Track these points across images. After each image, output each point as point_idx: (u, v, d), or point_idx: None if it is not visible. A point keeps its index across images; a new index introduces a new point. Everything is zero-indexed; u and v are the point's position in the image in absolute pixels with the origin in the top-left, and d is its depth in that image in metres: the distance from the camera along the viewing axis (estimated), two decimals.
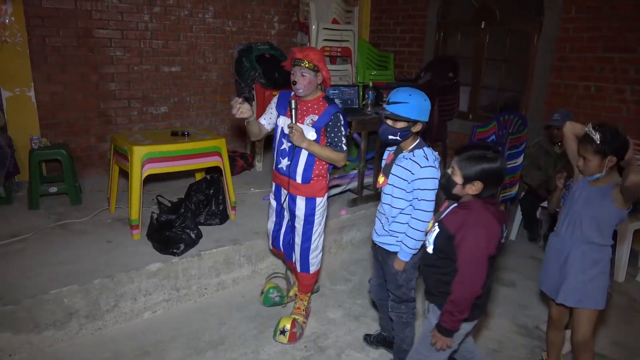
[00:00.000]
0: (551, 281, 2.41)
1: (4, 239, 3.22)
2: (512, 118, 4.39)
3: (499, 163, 1.80)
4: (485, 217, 1.79)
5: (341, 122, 2.55)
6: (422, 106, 2.16)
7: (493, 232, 1.79)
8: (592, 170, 2.19)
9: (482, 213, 1.80)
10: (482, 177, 1.79)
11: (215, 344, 2.76)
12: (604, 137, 2.10)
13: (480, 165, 1.79)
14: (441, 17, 5.57)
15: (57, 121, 4.41)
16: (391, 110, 2.16)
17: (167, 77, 4.99)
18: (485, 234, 1.77)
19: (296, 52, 2.49)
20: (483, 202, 1.83)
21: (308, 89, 2.51)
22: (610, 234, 2.25)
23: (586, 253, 2.25)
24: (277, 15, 5.66)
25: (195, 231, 3.25)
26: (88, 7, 4.37)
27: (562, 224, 2.35)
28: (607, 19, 4.12)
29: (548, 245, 2.49)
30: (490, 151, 1.81)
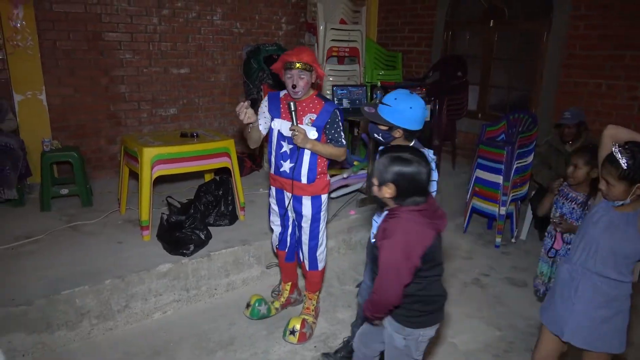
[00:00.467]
0: (556, 314, 2.10)
1: (17, 240, 3.26)
2: (521, 117, 4.36)
3: (414, 167, 1.69)
4: (407, 226, 1.69)
5: (339, 118, 2.59)
6: (404, 113, 2.06)
7: (414, 242, 1.68)
8: (615, 196, 1.91)
9: (403, 222, 1.70)
10: (395, 180, 1.70)
11: (225, 344, 2.77)
12: (633, 162, 1.81)
13: (392, 167, 1.70)
14: (449, 16, 5.55)
15: (67, 124, 4.46)
16: (375, 110, 2.13)
17: (176, 79, 5.02)
18: (402, 243, 1.68)
19: (290, 55, 2.47)
20: (409, 211, 1.72)
21: (305, 90, 2.53)
22: (628, 271, 1.95)
23: (599, 287, 1.96)
24: (284, 16, 5.67)
25: (204, 232, 3.27)
26: (98, 11, 4.41)
27: (576, 249, 2.04)
28: (617, 16, 4.08)
29: (557, 273, 2.20)
30: (408, 153, 1.72)
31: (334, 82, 5.08)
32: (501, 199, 4.04)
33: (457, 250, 4.15)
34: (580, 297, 1.98)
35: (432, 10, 5.66)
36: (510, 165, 3.97)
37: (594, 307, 1.96)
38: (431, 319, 1.90)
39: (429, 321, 1.89)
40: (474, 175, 4.27)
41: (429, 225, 1.72)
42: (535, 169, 4.13)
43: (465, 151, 5.34)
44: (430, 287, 1.84)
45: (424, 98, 4.51)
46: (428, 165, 1.73)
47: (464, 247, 4.18)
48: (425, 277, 1.80)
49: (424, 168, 1.70)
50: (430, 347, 2.80)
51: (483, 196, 4.22)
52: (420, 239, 1.70)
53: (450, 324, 3.04)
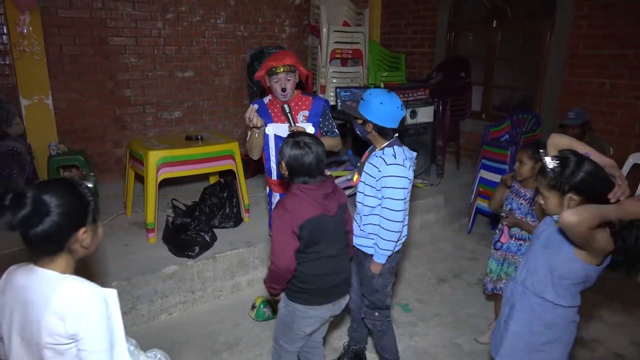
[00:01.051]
0: (496, 335, 1.92)
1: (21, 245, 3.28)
2: (525, 117, 4.37)
3: (301, 151, 1.87)
4: (292, 200, 1.88)
5: (329, 110, 2.71)
6: (374, 107, 2.16)
7: (295, 212, 1.85)
8: (552, 210, 1.68)
9: (291, 197, 1.90)
10: (286, 160, 1.91)
11: (231, 345, 2.79)
12: (560, 170, 1.60)
13: (286, 149, 1.91)
14: (452, 17, 5.56)
15: (74, 128, 4.50)
16: (356, 105, 2.26)
17: (181, 83, 5.06)
18: (285, 214, 1.86)
19: (273, 60, 2.52)
20: (296, 188, 1.90)
21: (293, 90, 2.60)
22: (569, 294, 1.70)
23: (536, 310, 1.74)
24: (288, 19, 5.70)
25: (209, 234, 3.29)
26: (103, 16, 4.46)
27: (521, 266, 1.86)
28: (620, 15, 4.07)
29: (503, 291, 2.08)
30: (306, 139, 1.90)
31: (337, 84, 5.10)
32: None
33: (462, 250, 4.15)
34: (517, 318, 1.79)
35: (434, 12, 5.67)
36: (514, 165, 3.97)
37: (530, 332, 1.76)
38: (311, 298, 1.98)
39: (309, 300, 1.98)
40: (478, 175, 4.28)
41: (313, 204, 1.88)
42: None
43: (470, 152, 5.34)
44: (306, 264, 1.93)
45: (427, 99, 4.55)
46: (318, 151, 1.90)
47: (468, 248, 4.18)
48: (301, 254, 1.91)
49: (312, 154, 1.87)
50: (433, 347, 2.82)
51: (487, 197, 4.21)
52: (297, 213, 1.85)
53: (455, 325, 3.05)
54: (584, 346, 2.84)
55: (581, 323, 1.80)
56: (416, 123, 4.49)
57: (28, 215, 1.15)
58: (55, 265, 1.26)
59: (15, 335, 1.25)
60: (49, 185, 1.22)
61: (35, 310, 1.21)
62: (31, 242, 1.21)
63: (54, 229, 1.20)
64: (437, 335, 2.95)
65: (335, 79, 5.22)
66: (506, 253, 2.66)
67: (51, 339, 1.19)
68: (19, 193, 1.15)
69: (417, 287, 3.52)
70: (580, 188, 1.58)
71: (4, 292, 1.29)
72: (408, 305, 3.27)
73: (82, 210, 1.27)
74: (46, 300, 1.20)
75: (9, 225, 1.15)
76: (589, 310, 3.20)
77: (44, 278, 1.24)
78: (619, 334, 2.96)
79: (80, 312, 1.20)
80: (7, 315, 1.26)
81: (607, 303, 3.30)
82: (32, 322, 1.21)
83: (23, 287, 1.25)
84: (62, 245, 1.25)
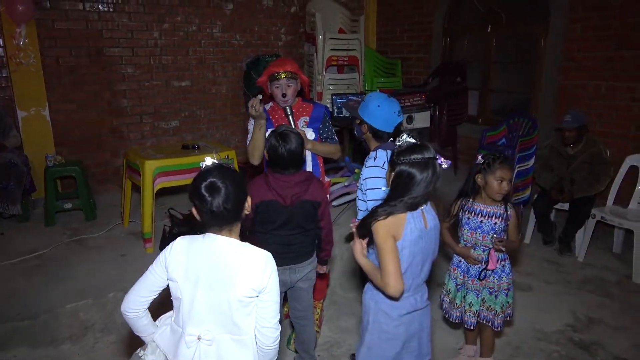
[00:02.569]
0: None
1: (22, 255, 3.29)
2: (522, 120, 4.37)
3: (274, 142, 2.13)
4: (257, 181, 2.21)
5: (329, 117, 2.76)
6: (371, 109, 2.29)
7: (252, 191, 1.99)
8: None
9: (258, 178, 2.23)
10: (267, 149, 2.19)
11: None
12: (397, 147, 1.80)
13: (269, 139, 2.17)
14: (447, 22, 5.58)
15: (71, 139, 4.51)
16: (357, 106, 2.40)
17: (178, 92, 5.07)
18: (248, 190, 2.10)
19: (275, 66, 2.60)
20: (265, 173, 2.22)
21: (294, 97, 2.66)
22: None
23: None
24: (283, 27, 5.72)
25: None
26: (99, 27, 4.48)
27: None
28: (615, 17, 4.08)
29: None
30: (286, 133, 2.15)
31: (334, 91, 5.11)
32: None
33: None
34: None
35: (430, 17, 5.70)
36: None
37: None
38: None
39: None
40: None
41: (269, 190, 2.15)
42: (537, 172, 4.12)
43: (467, 156, 5.34)
44: (262, 238, 2.20)
45: (424, 104, 4.56)
46: (291, 148, 2.13)
47: None
48: (258, 232, 2.22)
49: (283, 148, 2.12)
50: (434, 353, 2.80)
51: None
52: (253, 195, 1.98)
53: (455, 330, 3.03)
54: (584, 349, 2.82)
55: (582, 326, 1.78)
56: (413, 128, 4.49)
57: (224, 197, 1.46)
58: (233, 234, 1.54)
59: (202, 293, 1.48)
60: (220, 171, 1.50)
61: (229, 270, 1.48)
62: (221, 216, 1.48)
63: (237, 203, 1.50)
64: (437, 341, 2.91)
65: (332, 86, 5.24)
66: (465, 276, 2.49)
67: (246, 292, 1.47)
68: (213, 182, 1.46)
69: None
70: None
71: (187, 260, 1.51)
72: None
73: (244, 186, 1.58)
74: (239, 262, 1.49)
75: (212, 209, 1.45)
76: (589, 312, 3.18)
77: (230, 245, 1.51)
78: (621, 337, 2.93)
79: (268, 270, 1.51)
80: (194, 279, 1.49)
81: (607, 305, 3.29)
82: (226, 280, 1.47)
83: (211, 253, 1.50)
84: (239, 214, 1.54)
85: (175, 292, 1.52)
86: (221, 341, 1.51)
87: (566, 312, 3.20)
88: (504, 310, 2.45)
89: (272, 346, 1.56)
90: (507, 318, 2.50)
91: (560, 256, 4.02)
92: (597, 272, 3.75)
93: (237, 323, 1.50)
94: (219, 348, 1.50)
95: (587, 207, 3.88)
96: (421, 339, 1.86)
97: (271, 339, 1.54)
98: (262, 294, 1.50)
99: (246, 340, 1.53)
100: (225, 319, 1.50)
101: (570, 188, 3.90)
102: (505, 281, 2.43)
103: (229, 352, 1.51)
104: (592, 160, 3.84)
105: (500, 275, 2.43)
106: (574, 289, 3.52)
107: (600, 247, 4.11)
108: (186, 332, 1.50)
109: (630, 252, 3.71)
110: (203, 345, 1.50)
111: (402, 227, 1.70)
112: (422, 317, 1.85)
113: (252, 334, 1.54)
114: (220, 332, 1.51)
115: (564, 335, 2.95)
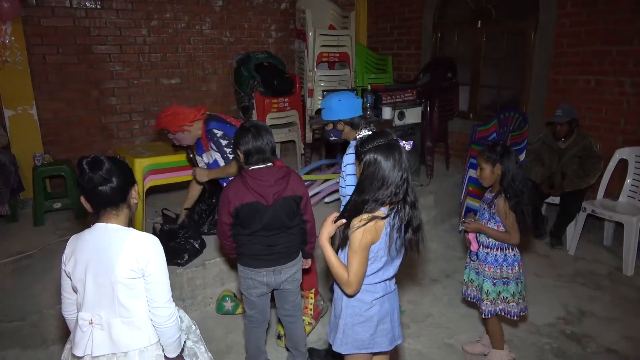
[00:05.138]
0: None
1: (11, 255, 3.24)
2: (512, 115, 4.39)
3: (249, 135, 2.15)
4: (233, 185, 2.20)
5: (217, 137, 2.91)
6: (335, 107, 2.42)
7: (230, 196, 2.16)
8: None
9: (233, 182, 2.23)
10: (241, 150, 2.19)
11: (223, 353, 2.76)
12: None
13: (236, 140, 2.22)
14: (437, 18, 5.58)
15: (59, 138, 4.45)
16: (319, 117, 2.52)
17: (167, 90, 5.03)
18: (223, 195, 2.20)
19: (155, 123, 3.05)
20: (244, 173, 2.19)
21: (188, 141, 3.03)
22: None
23: None
24: (274, 24, 5.69)
25: (199, 241, 3.25)
26: (86, 24, 4.42)
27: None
28: (603, 12, 4.11)
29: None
30: (255, 127, 2.19)
31: (325, 87, 5.10)
32: None
33: (453, 250, 4.15)
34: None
35: (419, 13, 5.69)
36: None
37: None
38: (249, 261, 2.28)
39: (247, 262, 2.29)
40: (467, 175, 4.28)
41: (250, 192, 2.14)
42: (528, 166, 4.14)
43: (458, 152, 5.35)
44: (242, 236, 2.23)
45: (415, 100, 4.56)
46: (269, 137, 2.19)
47: (459, 248, 4.17)
48: (238, 227, 2.22)
49: (260, 143, 2.16)
50: (427, 348, 2.81)
51: (477, 195, 4.21)
52: (231, 194, 2.16)
53: (448, 325, 3.03)
54: (576, 342, 2.84)
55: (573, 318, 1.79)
56: (404, 124, 4.49)
57: (106, 173, 1.51)
58: (119, 220, 1.59)
59: (90, 279, 1.54)
60: (109, 157, 1.57)
61: (110, 254, 1.53)
62: (102, 194, 1.53)
63: (120, 182, 1.55)
64: (430, 336, 2.93)
65: (323, 82, 5.22)
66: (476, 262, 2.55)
67: (126, 274, 1.53)
68: (95, 158, 1.53)
69: (409, 288, 3.51)
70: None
71: (74, 254, 1.57)
72: (400, 307, 3.25)
73: (131, 173, 1.66)
74: (119, 246, 1.54)
75: (91, 182, 1.51)
76: (580, 305, 3.21)
77: (113, 230, 1.57)
78: (611, 329, 2.96)
79: (148, 252, 1.56)
80: (82, 268, 1.55)
81: (598, 298, 3.31)
82: (107, 264, 1.53)
83: (95, 241, 1.56)
84: (124, 195, 1.58)
85: (73, 284, 1.60)
86: (113, 325, 1.56)
87: (557, 305, 3.22)
88: (492, 300, 2.47)
89: (168, 324, 1.61)
90: (505, 315, 2.47)
91: (552, 249, 4.05)
92: (588, 265, 3.79)
93: (125, 305, 1.56)
94: (111, 331, 1.56)
95: (577, 201, 3.91)
96: (393, 320, 1.90)
97: (164, 317, 1.60)
98: (145, 276, 1.56)
99: (137, 322, 1.59)
100: (113, 302, 1.55)
101: (561, 182, 3.93)
102: (492, 270, 2.47)
103: (122, 335, 1.57)
104: (582, 154, 3.87)
105: (484, 261, 2.49)
106: (565, 282, 3.54)
107: (591, 240, 4.14)
108: (80, 317, 1.58)
109: (620, 244, 3.75)
110: (96, 330, 1.56)
111: (381, 230, 1.72)
112: (392, 299, 1.90)
113: (144, 315, 1.59)
114: (111, 317, 1.56)
115: (555, 328, 2.97)
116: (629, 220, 3.61)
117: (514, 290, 2.46)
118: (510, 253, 2.48)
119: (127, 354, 1.58)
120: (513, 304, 2.46)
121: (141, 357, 1.60)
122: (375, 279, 1.80)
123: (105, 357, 1.56)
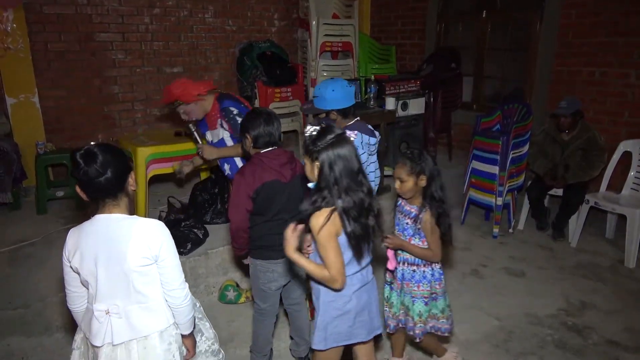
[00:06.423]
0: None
1: (14, 243, 3.25)
2: (516, 107, 4.36)
3: (261, 119, 2.15)
4: (249, 167, 2.16)
5: (233, 114, 2.81)
6: (329, 97, 2.48)
7: (248, 178, 2.12)
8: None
9: (249, 165, 2.19)
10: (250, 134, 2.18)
11: (225, 341, 2.77)
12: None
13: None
14: (442, 8, 5.54)
15: (62, 126, 4.44)
16: (312, 105, 2.55)
17: (169, 78, 4.99)
18: (240, 179, 2.13)
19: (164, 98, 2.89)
20: (257, 156, 2.17)
21: (198, 115, 2.88)
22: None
23: None
24: (277, 13, 5.65)
25: (202, 230, 3.26)
26: (88, 12, 4.39)
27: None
28: (609, 3, 4.07)
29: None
30: (266, 114, 2.20)
31: (328, 76, 5.07)
32: (497, 190, 4.04)
33: (455, 241, 4.11)
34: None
35: (424, 3, 5.65)
36: (506, 155, 3.97)
37: None
38: (266, 253, 2.23)
39: (264, 255, 2.24)
40: (470, 166, 4.27)
41: (268, 170, 2.12)
42: (532, 158, 4.13)
43: (461, 143, 5.34)
44: (260, 225, 2.18)
45: (418, 91, 4.54)
46: (278, 121, 2.20)
47: (461, 239, 4.18)
48: (256, 216, 2.17)
49: (265, 128, 2.15)
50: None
51: (480, 187, 4.22)
52: (251, 177, 2.11)
53: None
54: (577, 333, 2.85)
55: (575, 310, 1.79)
56: (407, 115, 4.47)
57: (100, 164, 1.49)
58: (121, 209, 1.58)
59: (102, 271, 1.54)
60: (99, 145, 1.54)
61: (120, 244, 1.53)
62: (99, 185, 1.50)
63: (117, 171, 1.53)
64: None
65: (326, 72, 5.19)
66: (401, 282, 2.26)
67: (139, 262, 1.54)
68: (88, 150, 1.50)
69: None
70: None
71: (79, 248, 1.55)
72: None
73: (125, 160, 1.62)
74: (128, 235, 1.54)
75: (87, 176, 1.48)
76: (582, 297, 3.22)
77: (118, 219, 1.56)
78: (613, 321, 2.97)
79: (159, 238, 1.57)
80: (91, 260, 1.54)
81: (600, 290, 3.32)
82: (119, 254, 1.53)
83: (101, 232, 1.55)
84: (122, 184, 1.56)
85: (83, 278, 1.59)
86: (130, 312, 1.59)
87: (559, 297, 3.23)
88: (424, 320, 2.24)
89: (183, 305, 1.66)
90: (436, 332, 2.28)
91: (554, 242, 4.05)
92: (590, 257, 3.79)
93: (141, 292, 1.59)
94: (129, 318, 1.59)
95: (580, 193, 3.90)
96: (371, 312, 1.91)
97: (180, 298, 1.65)
98: (158, 261, 1.58)
99: (153, 305, 1.62)
100: (129, 290, 1.57)
101: (564, 174, 3.92)
102: (422, 289, 2.21)
103: (141, 320, 1.60)
104: (586, 146, 3.85)
105: (410, 280, 2.23)
106: (567, 274, 3.55)
107: (593, 232, 4.14)
108: (95, 309, 1.58)
109: (622, 237, 3.75)
110: (113, 319, 1.58)
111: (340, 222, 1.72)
112: (369, 290, 1.91)
113: (159, 298, 1.63)
114: (128, 304, 1.59)
115: (557, 320, 2.98)
116: (632, 212, 3.61)
117: (443, 306, 2.26)
118: (436, 267, 2.23)
119: (148, 337, 1.61)
120: (443, 320, 2.26)
121: (161, 338, 1.64)
122: (350, 270, 1.80)
123: (124, 343, 1.59)
